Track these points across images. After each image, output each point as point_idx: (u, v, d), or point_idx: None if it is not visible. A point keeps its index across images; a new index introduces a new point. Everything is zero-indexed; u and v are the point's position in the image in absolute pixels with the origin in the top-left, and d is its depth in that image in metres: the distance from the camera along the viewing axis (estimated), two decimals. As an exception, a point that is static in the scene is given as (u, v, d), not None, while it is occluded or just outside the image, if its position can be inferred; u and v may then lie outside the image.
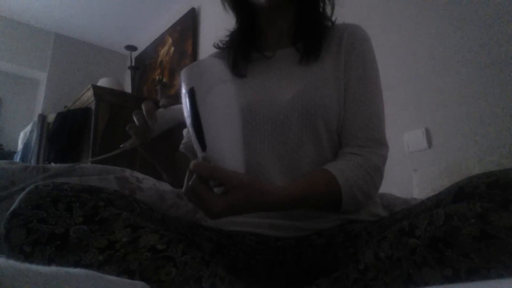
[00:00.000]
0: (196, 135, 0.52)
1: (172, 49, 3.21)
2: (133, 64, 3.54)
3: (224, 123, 0.52)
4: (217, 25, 0.84)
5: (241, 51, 0.77)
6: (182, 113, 0.57)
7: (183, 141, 0.83)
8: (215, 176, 0.48)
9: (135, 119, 0.58)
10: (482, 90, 1.33)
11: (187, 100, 0.52)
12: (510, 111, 1.24)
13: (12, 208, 0.44)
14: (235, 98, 0.55)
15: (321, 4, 0.76)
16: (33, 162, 2.56)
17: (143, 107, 0.57)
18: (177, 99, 0.60)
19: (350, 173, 0.60)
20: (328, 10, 0.77)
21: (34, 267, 0.25)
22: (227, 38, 0.82)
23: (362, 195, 0.61)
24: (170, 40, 3.28)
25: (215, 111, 0.51)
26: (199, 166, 0.48)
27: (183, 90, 0.53)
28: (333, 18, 0.77)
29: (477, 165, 1.19)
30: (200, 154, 0.53)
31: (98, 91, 2.38)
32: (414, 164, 1.46)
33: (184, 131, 0.83)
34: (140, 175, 0.89)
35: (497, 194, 0.38)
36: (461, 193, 0.42)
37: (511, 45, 1.27)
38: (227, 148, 0.52)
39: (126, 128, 0.59)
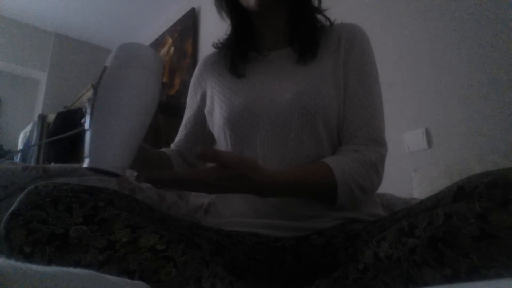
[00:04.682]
0: (90, 112, 0.49)
1: (172, 49, 3.21)
2: (133, 64, 3.53)
3: (116, 108, 0.48)
4: (217, 25, 0.84)
5: (237, 51, 0.78)
6: None
7: (175, 141, 0.84)
8: (219, 160, 0.49)
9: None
10: (482, 90, 1.33)
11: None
12: (510, 111, 1.24)
13: (12, 209, 0.44)
14: (142, 91, 0.50)
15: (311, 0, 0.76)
16: (33, 162, 2.56)
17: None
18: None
19: (345, 166, 0.61)
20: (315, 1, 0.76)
21: (34, 267, 0.25)
22: (225, 41, 0.82)
23: (357, 187, 0.61)
24: (170, 40, 3.28)
25: (110, 93, 0.49)
26: (204, 151, 0.48)
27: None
28: (333, 18, 0.77)
29: (477, 165, 1.19)
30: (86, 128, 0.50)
31: (98, 91, 2.38)
32: (414, 164, 1.46)
33: (179, 134, 0.84)
34: (140, 175, 0.89)
35: (496, 194, 0.38)
36: (461, 192, 0.42)
37: (511, 44, 1.27)
38: (109, 138, 0.48)
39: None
